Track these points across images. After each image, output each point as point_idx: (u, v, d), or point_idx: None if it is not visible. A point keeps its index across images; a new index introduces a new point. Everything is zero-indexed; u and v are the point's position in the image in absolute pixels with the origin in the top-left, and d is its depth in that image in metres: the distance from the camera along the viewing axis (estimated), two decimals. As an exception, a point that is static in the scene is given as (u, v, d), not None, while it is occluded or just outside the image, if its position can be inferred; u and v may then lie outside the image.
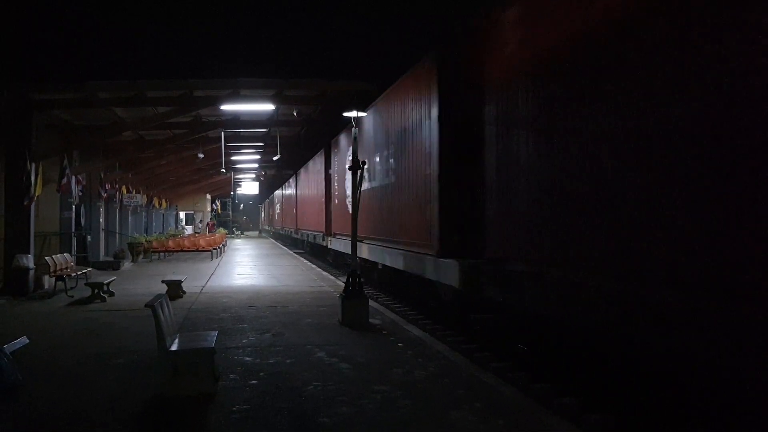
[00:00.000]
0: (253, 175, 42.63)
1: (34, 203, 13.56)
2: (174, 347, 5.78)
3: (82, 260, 18.10)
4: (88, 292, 12.22)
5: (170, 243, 26.49)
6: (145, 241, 24.86)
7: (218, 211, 63.06)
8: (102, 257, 20.69)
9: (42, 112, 14.39)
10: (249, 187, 54.56)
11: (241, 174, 40.00)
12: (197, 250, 26.52)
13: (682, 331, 4.52)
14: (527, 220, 7.20)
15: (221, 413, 5.17)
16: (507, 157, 7.74)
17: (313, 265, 21.46)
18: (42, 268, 13.32)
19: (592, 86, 5.89)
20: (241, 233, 64.97)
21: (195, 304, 11.69)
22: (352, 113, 10.07)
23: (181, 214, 52.04)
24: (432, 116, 9.65)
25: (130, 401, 5.53)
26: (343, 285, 9.85)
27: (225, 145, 21.78)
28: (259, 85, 14.27)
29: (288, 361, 6.96)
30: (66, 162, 15.51)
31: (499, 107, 8.00)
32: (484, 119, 8.41)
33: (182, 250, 26.19)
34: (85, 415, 5.15)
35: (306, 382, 6.05)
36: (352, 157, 10.32)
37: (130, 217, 26.88)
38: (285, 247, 35.62)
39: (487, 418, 4.97)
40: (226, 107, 15.54)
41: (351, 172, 10.37)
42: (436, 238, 9.42)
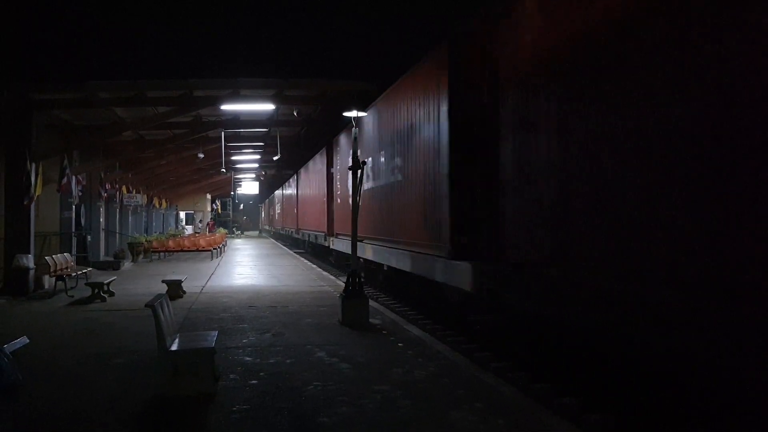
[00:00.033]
0: (253, 175, 42.64)
1: (34, 203, 13.56)
2: (174, 347, 5.79)
3: (82, 260, 18.09)
4: (88, 292, 12.22)
5: (170, 243, 26.50)
6: (145, 241, 24.88)
7: (218, 211, 63.06)
8: (102, 257, 20.70)
9: (42, 112, 14.39)
10: (249, 187, 54.55)
11: (241, 174, 40.01)
12: (197, 250, 26.53)
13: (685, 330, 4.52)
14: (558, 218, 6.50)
15: (221, 413, 5.17)
16: (528, 151, 7.11)
17: (313, 265, 21.46)
18: (42, 268, 13.32)
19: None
20: (241, 233, 64.95)
21: (195, 304, 11.69)
22: (352, 113, 10.06)
23: (181, 214, 52.07)
24: (442, 110, 9.25)
25: (130, 401, 5.53)
26: (343, 285, 9.85)
27: (225, 145, 21.80)
28: (259, 85, 14.28)
29: (288, 361, 6.96)
30: (66, 162, 15.51)
31: (518, 98, 7.44)
32: (499, 112, 7.91)
33: (182, 250, 26.20)
34: (85, 415, 5.15)
35: (306, 382, 6.05)
36: (353, 158, 10.30)
37: (130, 217, 26.90)
38: (285, 247, 35.62)
39: (487, 418, 4.97)
40: (226, 107, 15.54)
41: (352, 171, 10.36)
42: (447, 238, 9.00)
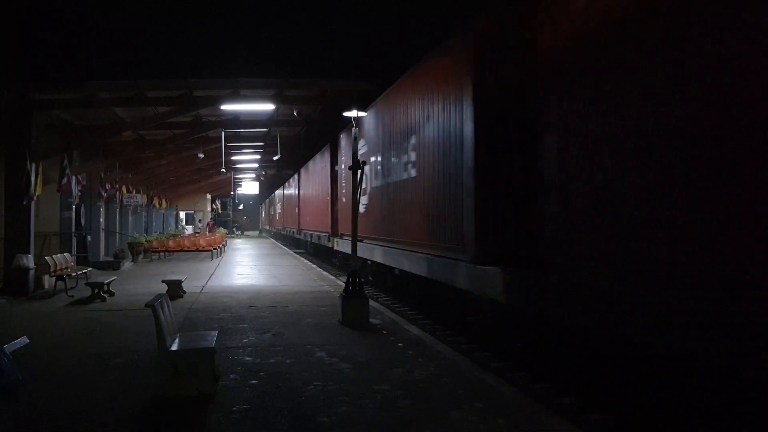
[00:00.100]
0: (254, 175, 42.65)
1: (34, 203, 13.56)
2: (174, 347, 5.79)
3: (82, 260, 18.10)
4: (88, 292, 12.22)
5: (170, 243, 26.50)
6: (146, 241, 24.89)
7: (218, 211, 63.08)
8: (102, 257, 20.70)
9: (42, 112, 14.39)
10: (249, 187, 54.54)
11: (241, 174, 40.02)
12: (197, 250, 26.53)
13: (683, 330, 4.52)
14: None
15: (221, 413, 5.17)
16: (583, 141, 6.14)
17: (313, 265, 21.47)
18: (42, 268, 13.32)
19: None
20: (242, 233, 64.95)
21: (195, 303, 11.69)
22: (353, 113, 10.06)
23: (181, 214, 52.10)
24: (465, 97, 8.27)
25: (130, 401, 5.53)
26: (343, 285, 9.85)
27: (225, 145, 21.82)
28: (259, 85, 14.29)
29: (288, 361, 6.96)
30: (66, 162, 15.51)
31: (567, 78, 6.48)
32: (538, 98, 6.98)
33: (182, 250, 26.21)
34: (85, 415, 5.15)
35: (306, 382, 6.05)
36: (352, 158, 10.30)
37: (130, 217, 26.89)
38: (285, 247, 35.62)
39: (487, 418, 4.97)
40: (226, 107, 15.54)
41: (352, 171, 10.35)
42: (471, 240, 8.08)
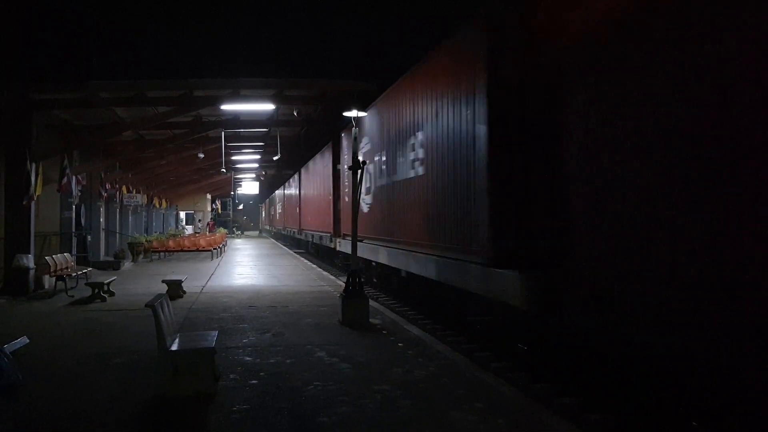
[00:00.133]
0: (254, 175, 42.65)
1: (34, 203, 13.56)
2: (174, 347, 5.79)
3: (82, 260, 18.10)
4: (89, 292, 12.23)
5: (170, 243, 26.51)
6: (146, 241, 24.90)
7: (218, 211, 63.09)
8: (102, 257, 20.70)
9: (42, 112, 14.40)
10: (249, 187, 54.52)
11: (241, 174, 40.02)
12: (197, 250, 26.54)
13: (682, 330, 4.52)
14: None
15: (221, 413, 5.17)
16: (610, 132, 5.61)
17: (313, 265, 21.47)
18: (42, 268, 13.33)
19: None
20: (242, 233, 64.97)
21: (195, 303, 11.69)
22: (353, 113, 10.05)
23: (182, 214, 52.10)
24: (478, 86, 7.78)
25: (130, 401, 5.53)
26: (343, 285, 9.84)
27: (225, 144, 21.82)
28: (259, 85, 14.29)
29: (288, 361, 6.96)
30: (66, 162, 15.51)
31: (598, 63, 5.84)
32: (562, 86, 6.45)
33: (182, 250, 26.21)
34: (85, 415, 5.15)
35: (306, 382, 6.05)
36: (352, 158, 10.29)
37: (130, 217, 26.90)
38: (285, 247, 35.63)
39: (487, 418, 4.97)
40: (226, 107, 15.55)
41: (352, 172, 10.35)
42: (485, 241, 7.58)
